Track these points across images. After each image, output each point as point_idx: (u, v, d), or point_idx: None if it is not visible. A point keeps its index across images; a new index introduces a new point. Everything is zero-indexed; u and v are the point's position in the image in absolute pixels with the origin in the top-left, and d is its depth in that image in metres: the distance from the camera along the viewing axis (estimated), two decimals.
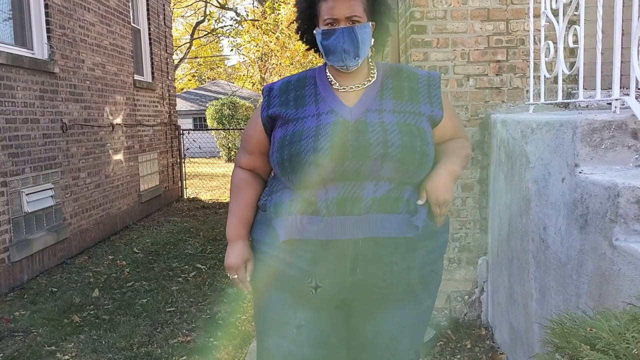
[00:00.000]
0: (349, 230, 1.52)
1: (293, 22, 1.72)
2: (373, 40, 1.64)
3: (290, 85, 1.68)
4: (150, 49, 8.54)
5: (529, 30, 2.96)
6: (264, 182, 1.77)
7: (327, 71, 1.67)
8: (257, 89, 20.02)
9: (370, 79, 1.64)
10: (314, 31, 1.62)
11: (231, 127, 17.50)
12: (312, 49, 1.71)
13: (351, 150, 1.50)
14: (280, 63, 17.66)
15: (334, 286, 1.60)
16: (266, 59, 18.15)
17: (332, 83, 1.64)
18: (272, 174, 1.74)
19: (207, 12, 26.28)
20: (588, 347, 1.16)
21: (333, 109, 1.58)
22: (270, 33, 17.61)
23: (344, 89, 1.63)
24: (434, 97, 1.65)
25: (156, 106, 8.72)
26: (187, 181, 10.33)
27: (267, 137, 1.68)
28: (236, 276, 1.73)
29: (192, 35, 27.13)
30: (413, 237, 1.56)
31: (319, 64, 1.79)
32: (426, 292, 1.70)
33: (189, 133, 10.88)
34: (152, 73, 8.60)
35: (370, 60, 1.68)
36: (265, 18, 17.97)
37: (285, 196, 1.61)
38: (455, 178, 1.61)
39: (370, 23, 1.61)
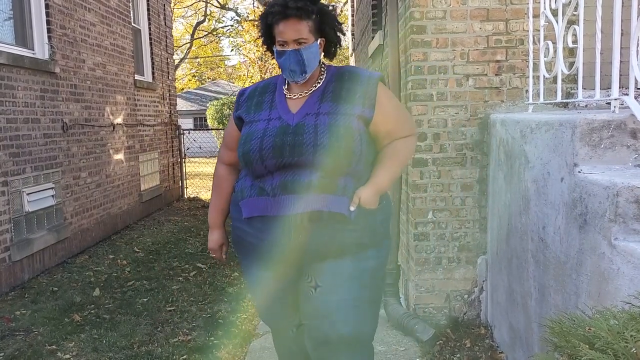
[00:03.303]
0: (292, 206, 1.86)
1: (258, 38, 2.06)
2: (323, 53, 1.97)
3: (256, 91, 2.06)
4: (151, 49, 8.55)
5: (528, 30, 2.96)
6: (239, 172, 2.11)
7: (285, 80, 2.01)
8: None
9: (316, 84, 1.96)
10: (273, 47, 1.94)
11: None
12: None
13: (288, 149, 1.86)
14: None
15: (282, 250, 1.93)
16: (266, 59, 18.14)
17: (285, 92, 1.98)
18: None
19: (208, 12, 26.27)
20: (587, 346, 1.17)
21: (280, 115, 1.94)
22: None
23: (294, 96, 1.97)
24: (368, 98, 1.91)
25: (157, 106, 8.73)
26: (187, 181, 10.34)
27: (240, 134, 2.02)
28: (214, 255, 2.26)
29: (192, 35, 27.12)
30: (347, 215, 1.87)
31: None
32: (362, 250, 1.93)
33: (189, 133, 10.87)
34: (153, 73, 8.60)
35: (322, 66, 1.99)
36: None
37: (246, 182, 1.99)
38: (380, 192, 1.94)
39: (317, 41, 1.91)
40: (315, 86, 1.96)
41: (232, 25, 25.79)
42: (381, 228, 2.00)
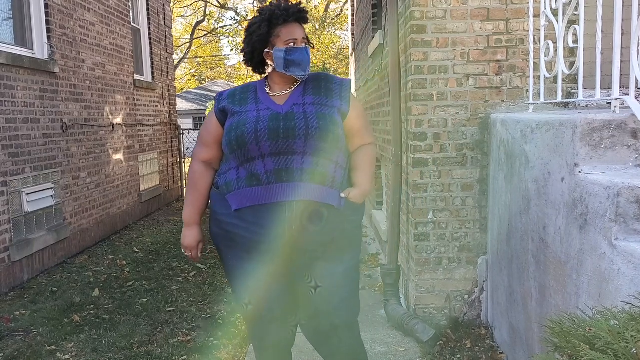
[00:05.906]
0: (285, 194, 1.98)
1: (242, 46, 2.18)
2: None
3: (236, 92, 2.17)
4: (150, 49, 8.54)
5: (528, 30, 2.95)
6: (214, 171, 2.20)
7: (266, 83, 2.17)
8: None
9: (296, 83, 2.13)
10: (272, 50, 2.06)
11: None
12: (251, 67, 2.20)
13: (282, 132, 1.99)
14: None
15: (276, 240, 2.01)
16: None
17: (269, 92, 2.13)
18: (223, 159, 2.16)
19: (207, 12, 26.27)
20: (587, 346, 1.17)
21: (269, 106, 2.08)
22: None
23: (277, 94, 2.13)
24: (343, 96, 2.12)
25: (156, 106, 8.72)
26: (187, 181, 10.32)
27: (222, 128, 2.12)
28: (189, 254, 2.24)
29: (192, 35, 27.12)
30: (336, 206, 2.04)
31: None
32: (348, 252, 2.14)
33: (189, 133, 10.88)
34: (152, 73, 8.60)
35: None
36: None
37: (232, 176, 2.07)
38: (366, 196, 2.14)
39: None
40: (296, 84, 2.13)
41: (231, 25, 25.76)
42: (359, 228, 2.24)
